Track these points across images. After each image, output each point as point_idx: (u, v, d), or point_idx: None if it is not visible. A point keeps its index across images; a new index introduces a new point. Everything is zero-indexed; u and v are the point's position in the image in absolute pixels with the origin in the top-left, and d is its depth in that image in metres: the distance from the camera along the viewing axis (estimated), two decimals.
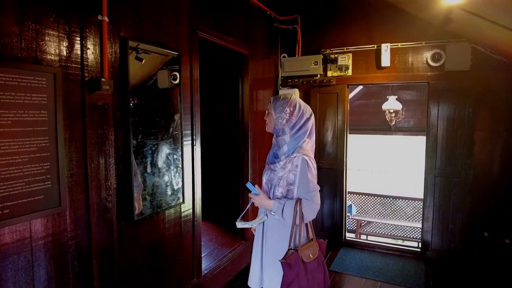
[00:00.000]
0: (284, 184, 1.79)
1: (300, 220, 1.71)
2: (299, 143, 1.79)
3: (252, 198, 1.87)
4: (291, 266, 1.69)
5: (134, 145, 2.15)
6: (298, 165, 1.74)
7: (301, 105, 1.84)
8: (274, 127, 1.85)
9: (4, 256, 1.56)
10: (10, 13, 1.54)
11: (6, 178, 1.54)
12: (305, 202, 1.71)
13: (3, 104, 1.51)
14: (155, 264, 2.43)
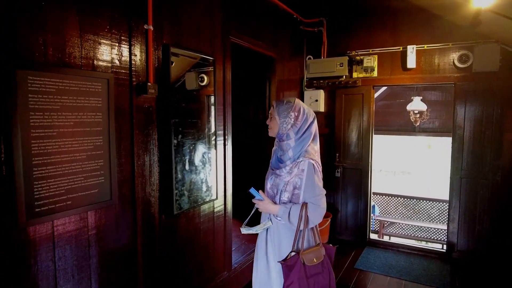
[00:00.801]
0: (290, 189, 1.78)
1: (304, 225, 1.72)
2: (304, 147, 1.78)
3: (256, 204, 1.85)
4: (290, 268, 1.70)
5: (175, 144, 2.31)
6: (305, 169, 1.74)
7: (305, 109, 1.82)
8: (278, 132, 1.82)
9: (67, 242, 1.75)
10: (74, 25, 1.73)
11: (69, 173, 1.73)
12: (311, 206, 1.72)
13: (67, 107, 1.70)
14: (191, 255, 2.60)
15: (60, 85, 1.67)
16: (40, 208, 1.62)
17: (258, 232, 1.92)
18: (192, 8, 2.51)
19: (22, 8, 1.53)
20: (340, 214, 4.51)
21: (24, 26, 1.54)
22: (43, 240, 1.66)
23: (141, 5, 2.07)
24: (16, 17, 1.51)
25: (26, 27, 1.54)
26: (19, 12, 1.52)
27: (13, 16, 1.50)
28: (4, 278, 1.52)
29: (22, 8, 1.53)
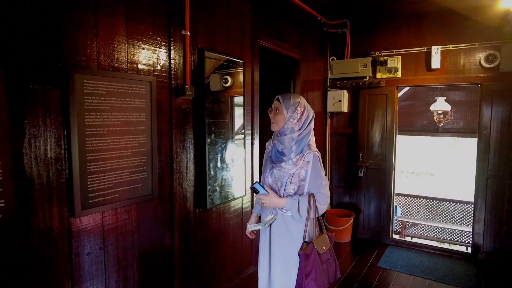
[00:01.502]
0: (296, 181, 1.82)
1: (314, 214, 1.79)
2: (306, 141, 1.84)
3: (261, 199, 1.85)
4: (308, 257, 1.74)
5: (208, 143, 2.45)
6: (310, 161, 1.80)
7: (307, 106, 1.90)
8: (283, 126, 1.84)
9: (114, 232, 1.92)
10: (121, 33, 1.89)
11: (117, 168, 1.89)
12: (318, 195, 1.80)
13: (115, 107, 1.86)
14: (221, 249, 2.73)
15: (110, 88, 1.83)
16: (92, 200, 1.79)
17: (264, 227, 1.93)
18: (224, 14, 2.64)
19: (80, 22, 1.69)
20: (363, 214, 4.55)
21: (81, 36, 1.70)
22: (95, 229, 1.82)
23: (179, 13, 2.21)
24: (75, 29, 1.67)
25: (82, 37, 1.71)
26: (78, 25, 1.68)
27: (72, 28, 1.66)
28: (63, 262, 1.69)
29: (80, 21, 1.69)
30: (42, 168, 1.59)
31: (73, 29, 1.67)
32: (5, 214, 1.46)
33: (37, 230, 1.58)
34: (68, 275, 1.72)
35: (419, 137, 8.18)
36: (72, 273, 1.74)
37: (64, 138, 1.66)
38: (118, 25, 1.87)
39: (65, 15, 1.63)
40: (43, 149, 1.58)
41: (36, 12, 1.53)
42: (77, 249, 1.75)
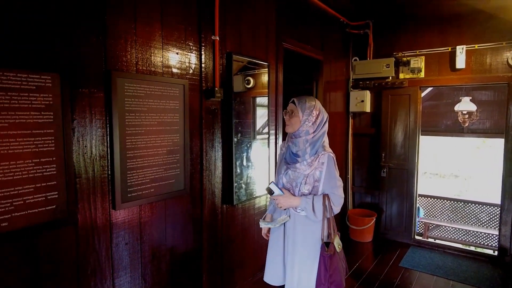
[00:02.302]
0: (311, 181, 1.84)
1: (330, 214, 1.82)
2: (321, 143, 1.87)
3: (276, 200, 1.87)
4: (332, 257, 1.80)
5: (235, 142, 2.57)
6: (325, 162, 1.83)
7: (322, 109, 1.94)
8: (298, 128, 1.87)
9: (150, 224, 2.06)
10: (157, 39, 2.03)
11: (153, 165, 2.04)
12: (333, 196, 1.82)
13: (152, 109, 2.01)
14: (245, 243, 2.84)
15: (147, 90, 1.98)
16: (131, 194, 1.94)
17: (276, 226, 1.94)
18: (251, 20, 2.75)
19: (122, 30, 1.85)
20: (385, 214, 4.55)
21: (122, 43, 1.86)
22: (132, 221, 1.97)
23: (209, 19, 2.34)
24: (117, 37, 1.83)
25: (123, 44, 1.86)
26: (120, 33, 1.84)
27: (115, 36, 1.82)
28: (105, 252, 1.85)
29: (122, 30, 1.85)
30: (88, 164, 1.75)
31: (115, 36, 1.82)
32: (57, 205, 1.63)
33: (83, 219, 1.74)
34: (110, 263, 1.88)
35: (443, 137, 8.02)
36: (113, 261, 1.90)
37: (107, 136, 1.81)
38: (154, 32, 2.02)
39: (109, 25, 1.79)
40: (89, 147, 1.74)
41: (86, 22, 1.69)
42: (117, 239, 1.91)
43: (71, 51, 1.64)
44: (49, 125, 1.57)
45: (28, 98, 1.51)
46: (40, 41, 1.53)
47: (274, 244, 2.02)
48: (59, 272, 1.66)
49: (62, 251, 1.67)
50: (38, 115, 1.54)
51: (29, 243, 1.55)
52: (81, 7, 1.67)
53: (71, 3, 1.63)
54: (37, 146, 1.54)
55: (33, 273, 1.56)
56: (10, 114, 1.46)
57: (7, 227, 1.46)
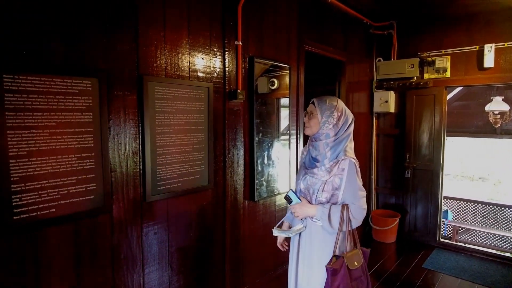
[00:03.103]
0: (329, 189, 1.71)
1: (347, 226, 1.66)
2: (343, 147, 1.74)
3: (293, 209, 1.79)
4: (336, 272, 1.61)
5: (257, 141, 2.70)
6: (345, 169, 1.68)
7: (346, 110, 1.80)
8: (318, 131, 1.77)
9: (176, 217, 2.24)
10: (185, 45, 2.21)
11: (180, 161, 2.21)
12: (353, 207, 1.66)
13: (180, 110, 2.18)
14: (266, 239, 2.96)
15: (175, 93, 2.15)
16: (160, 187, 2.12)
17: (290, 236, 1.84)
18: (272, 24, 2.87)
19: (153, 37, 2.03)
20: (409, 215, 4.52)
21: (153, 50, 2.04)
22: (161, 213, 2.16)
23: (232, 25, 2.49)
24: (148, 44, 2.01)
25: (154, 50, 2.04)
26: (151, 40, 2.02)
27: (146, 43, 2.00)
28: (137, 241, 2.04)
29: (152, 37, 2.03)
30: (122, 159, 1.94)
31: (146, 44, 2.01)
32: (95, 195, 1.83)
33: (117, 209, 1.93)
34: (140, 250, 2.06)
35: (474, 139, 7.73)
36: (142, 249, 2.08)
37: (139, 135, 2.00)
38: (182, 39, 2.19)
39: (141, 33, 1.97)
40: (123, 144, 1.94)
41: (121, 31, 1.88)
42: (147, 228, 2.09)
43: (108, 58, 1.84)
44: (89, 124, 1.78)
45: (72, 101, 1.72)
46: (82, 50, 1.74)
47: (291, 252, 1.94)
48: (97, 255, 1.86)
49: (99, 237, 1.87)
50: (80, 115, 1.75)
51: (72, 227, 1.76)
52: (116, 18, 1.86)
53: (108, 14, 1.83)
54: (79, 142, 1.75)
55: (76, 254, 1.77)
56: (58, 114, 1.67)
57: (54, 212, 1.68)
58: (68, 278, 1.75)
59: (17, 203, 1.56)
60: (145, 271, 2.10)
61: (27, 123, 1.57)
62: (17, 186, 1.56)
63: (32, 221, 1.61)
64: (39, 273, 1.65)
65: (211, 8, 2.36)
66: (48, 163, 1.65)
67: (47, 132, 1.64)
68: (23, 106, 1.56)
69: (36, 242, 1.64)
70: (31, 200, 1.61)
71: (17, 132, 1.55)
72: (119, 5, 1.87)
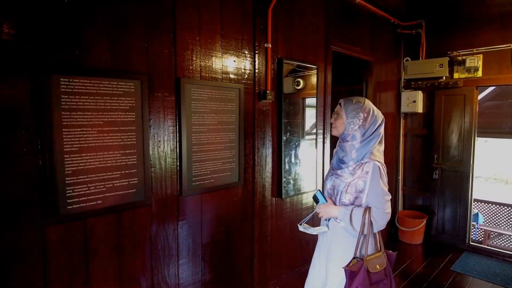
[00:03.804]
0: (352, 191, 1.71)
1: (368, 230, 1.64)
2: (370, 149, 1.70)
3: (318, 208, 1.82)
4: (354, 275, 1.61)
5: (284, 141, 2.79)
6: (369, 172, 1.66)
7: (374, 110, 1.76)
8: (343, 132, 1.76)
9: (209, 210, 2.36)
10: (218, 49, 2.33)
11: (213, 158, 2.34)
12: (376, 211, 1.64)
13: (213, 110, 2.31)
14: (293, 236, 3.04)
15: (209, 94, 2.27)
16: (195, 183, 2.25)
17: (314, 233, 1.87)
18: (301, 26, 2.95)
19: (189, 41, 2.16)
20: (436, 217, 4.45)
21: (189, 53, 2.17)
22: (195, 207, 2.29)
23: (262, 28, 2.59)
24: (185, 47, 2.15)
25: (190, 53, 2.18)
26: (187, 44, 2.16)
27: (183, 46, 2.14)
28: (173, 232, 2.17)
29: (189, 41, 2.16)
30: (161, 156, 2.08)
31: (184, 48, 2.14)
32: (137, 189, 1.98)
33: (156, 202, 2.08)
34: (176, 242, 2.20)
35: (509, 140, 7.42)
36: (178, 241, 2.22)
37: (176, 133, 2.14)
38: (215, 43, 2.31)
39: (178, 38, 2.11)
40: (162, 142, 2.08)
41: (160, 37, 2.03)
42: (182, 221, 2.23)
43: (149, 62, 1.98)
44: (132, 123, 1.93)
45: (117, 101, 1.87)
46: (126, 55, 1.89)
47: (316, 253, 1.97)
48: (137, 245, 2.01)
49: (139, 228, 2.02)
50: (124, 115, 1.90)
51: (116, 218, 1.91)
52: (156, 25, 2.01)
53: (149, 21, 1.97)
54: (123, 140, 1.90)
55: (118, 242, 1.93)
56: (105, 114, 1.82)
57: (101, 204, 1.84)
58: (111, 264, 1.91)
59: (70, 194, 1.73)
60: (179, 262, 2.24)
61: (79, 121, 1.74)
62: (70, 179, 1.73)
63: (82, 211, 1.77)
64: (87, 258, 1.81)
65: (242, 12, 2.47)
66: (96, 158, 1.81)
67: (96, 130, 1.80)
68: (75, 106, 1.73)
69: (85, 230, 1.80)
70: (81, 192, 1.77)
71: (70, 130, 1.71)
72: (159, 12, 2.01)
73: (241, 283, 2.65)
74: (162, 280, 2.15)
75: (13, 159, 1.56)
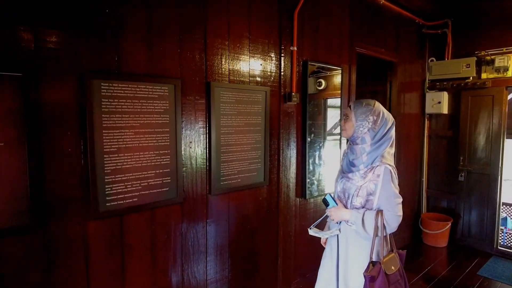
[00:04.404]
0: (363, 194, 1.71)
1: (382, 232, 1.66)
2: (381, 153, 1.70)
3: (328, 212, 1.82)
4: (374, 279, 1.61)
5: (309, 142, 2.83)
6: (381, 175, 1.66)
7: (384, 113, 1.75)
8: (352, 135, 1.76)
9: (235, 209, 2.44)
10: (245, 53, 2.40)
11: (240, 159, 2.41)
12: (387, 213, 1.65)
13: (241, 112, 2.38)
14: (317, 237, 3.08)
15: (238, 97, 2.35)
16: (223, 182, 2.33)
17: (325, 237, 1.87)
18: (325, 28, 2.98)
19: (219, 47, 2.25)
20: (462, 220, 4.37)
21: (218, 58, 2.25)
22: (223, 205, 2.37)
23: (288, 32, 2.64)
24: (215, 53, 2.23)
25: (219, 58, 2.26)
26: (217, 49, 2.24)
27: (213, 52, 2.22)
28: (203, 228, 2.27)
29: (219, 46, 2.24)
30: (192, 156, 2.18)
31: (213, 53, 2.23)
32: (169, 188, 2.08)
33: (186, 201, 2.17)
34: (205, 239, 2.29)
35: None
36: (207, 238, 2.31)
37: (206, 135, 2.23)
38: (243, 47, 2.39)
39: (209, 44, 2.20)
40: (193, 143, 2.17)
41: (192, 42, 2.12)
42: (210, 219, 2.31)
43: (182, 67, 2.08)
44: (165, 125, 2.03)
45: (152, 104, 1.97)
46: (161, 60, 1.99)
47: (327, 256, 1.96)
48: (168, 241, 2.11)
49: (171, 225, 2.12)
50: (159, 117, 2.00)
51: (150, 215, 2.02)
52: (188, 31, 2.10)
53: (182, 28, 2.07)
54: (157, 141, 2.00)
55: (151, 238, 2.03)
56: (141, 116, 1.93)
57: (136, 201, 1.95)
58: (145, 258, 2.02)
59: (109, 192, 1.85)
60: (207, 259, 2.32)
61: (117, 123, 1.85)
62: (109, 177, 1.84)
63: (119, 207, 1.88)
64: (123, 252, 1.92)
65: (269, 17, 2.53)
66: (132, 158, 1.92)
67: (132, 132, 1.91)
68: (114, 109, 1.84)
69: (121, 226, 1.91)
70: (119, 190, 1.88)
71: (110, 132, 1.82)
72: (191, 19, 2.10)
73: (266, 281, 2.71)
74: (192, 275, 2.25)
75: (60, 159, 1.68)
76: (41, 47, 1.60)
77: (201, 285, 2.31)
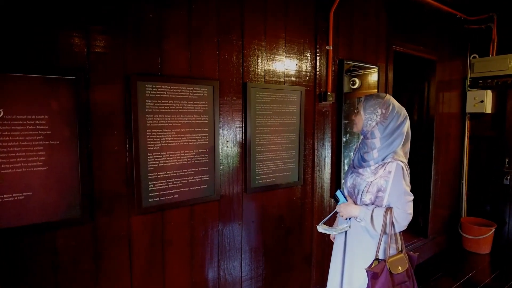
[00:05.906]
0: (373, 190, 1.67)
1: (390, 230, 1.61)
2: (392, 149, 1.65)
3: (338, 208, 1.80)
4: (376, 276, 1.58)
5: (344, 142, 2.80)
6: (392, 171, 1.61)
7: (395, 106, 1.67)
8: (362, 128, 1.73)
9: (268, 207, 2.47)
10: (281, 53, 2.42)
11: (274, 158, 2.44)
12: (397, 211, 1.61)
13: (276, 112, 2.40)
14: None
15: (273, 97, 2.38)
16: (257, 181, 2.37)
17: (334, 233, 1.87)
18: (361, 26, 2.94)
19: (256, 48, 2.28)
20: (507, 226, 4.13)
21: (255, 59, 2.29)
22: (257, 203, 2.40)
23: (324, 31, 2.63)
24: (252, 54, 2.27)
25: (255, 59, 2.29)
26: (254, 50, 2.27)
27: (251, 53, 2.26)
28: (238, 225, 2.31)
29: (255, 48, 2.28)
30: (229, 155, 2.23)
31: (250, 54, 2.26)
32: (208, 185, 2.14)
33: (224, 198, 2.23)
34: (240, 237, 2.34)
35: None
36: (242, 235, 2.35)
37: (243, 135, 2.27)
38: (279, 47, 2.41)
39: (245, 44, 2.24)
40: (230, 142, 2.22)
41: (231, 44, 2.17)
42: (246, 216, 2.36)
43: (220, 68, 2.14)
44: (204, 125, 2.09)
45: (193, 105, 2.04)
46: (201, 62, 2.05)
47: (336, 252, 1.93)
48: (206, 237, 2.18)
49: (209, 221, 2.18)
50: (198, 118, 2.07)
51: (189, 212, 2.09)
52: (227, 33, 2.15)
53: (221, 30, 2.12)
54: (197, 140, 2.07)
55: (190, 234, 2.11)
56: (182, 116, 2.01)
57: (177, 198, 2.02)
58: (184, 253, 2.10)
59: (151, 188, 1.93)
60: (242, 256, 2.37)
61: (160, 123, 1.93)
62: (152, 175, 1.93)
63: (160, 203, 1.97)
64: (164, 246, 2.01)
65: (304, 17, 2.53)
66: (173, 157, 2.00)
67: (174, 131, 1.98)
68: (157, 110, 1.92)
69: (163, 221, 2.00)
70: (161, 187, 1.97)
71: (153, 131, 1.91)
72: (229, 21, 2.15)
73: (299, 281, 2.72)
74: (227, 272, 2.30)
75: (107, 156, 1.79)
76: (92, 51, 1.70)
77: (236, 282, 2.36)
